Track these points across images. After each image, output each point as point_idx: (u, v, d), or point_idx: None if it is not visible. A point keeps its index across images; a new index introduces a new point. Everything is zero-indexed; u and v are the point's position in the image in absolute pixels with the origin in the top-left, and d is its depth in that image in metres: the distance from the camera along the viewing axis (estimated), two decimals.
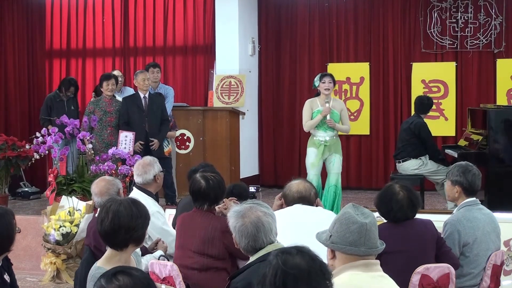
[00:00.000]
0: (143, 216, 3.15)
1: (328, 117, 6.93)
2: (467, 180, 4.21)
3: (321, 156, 7.02)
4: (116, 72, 8.55)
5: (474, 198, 4.25)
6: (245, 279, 2.89)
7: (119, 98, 7.83)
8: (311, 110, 7.05)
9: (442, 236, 4.12)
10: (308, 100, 7.19)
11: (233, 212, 3.07)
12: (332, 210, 6.81)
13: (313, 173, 7.03)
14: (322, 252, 3.46)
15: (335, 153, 7.05)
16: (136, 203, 3.18)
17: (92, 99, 8.21)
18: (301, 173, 9.45)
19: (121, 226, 3.07)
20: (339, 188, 7.07)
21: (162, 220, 4.68)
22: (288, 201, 4.11)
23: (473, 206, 4.21)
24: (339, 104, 7.14)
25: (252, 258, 3.00)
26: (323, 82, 6.98)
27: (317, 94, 7.15)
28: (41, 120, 8.56)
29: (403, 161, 7.38)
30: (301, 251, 2.10)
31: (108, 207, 3.13)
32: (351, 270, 2.54)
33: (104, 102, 7.57)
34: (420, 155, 7.34)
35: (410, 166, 7.33)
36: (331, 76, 7.07)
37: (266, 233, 2.99)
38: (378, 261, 2.60)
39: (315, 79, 7.11)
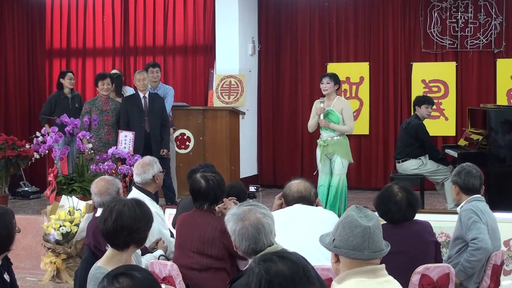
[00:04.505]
0: (146, 218, 3.14)
1: (321, 117, 6.96)
2: (461, 178, 4.30)
3: (323, 156, 7.00)
4: (114, 71, 8.58)
5: (479, 195, 4.29)
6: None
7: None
8: (316, 110, 7.10)
9: (465, 225, 4.15)
10: (316, 101, 7.23)
11: (231, 215, 3.03)
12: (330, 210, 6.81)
13: (320, 173, 7.05)
14: (323, 252, 3.46)
15: (337, 154, 7.01)
16: (140, 205, 3.17)
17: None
18: (302, 173, 9.48)
19: (123, 227, 3.06)
20: (339, 189, 7.04)
21: (158, 221, 4.66)
22: (288, 201, 4.11)
23: (481, 202, 4.26)
24: (340, 104, 7.05)
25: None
26: (322, 83, 7.04)
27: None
28: (40, 116, 8.58)
29: (402, 161, 7.38)
30: (283, 257, 2.07)
31: (112, 207, 3.12)
32: (357, 276, 2.49)
33: (100, 101, 7.59)
34: (419, 155, 7.33)
35: (409, 166, 7.33)
36: (330, 76, 7.07)
37: (267, 234, 2.97)
38: (383, 266, 2.55)
39: None
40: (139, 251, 3.62)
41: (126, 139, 7.31)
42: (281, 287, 1.99)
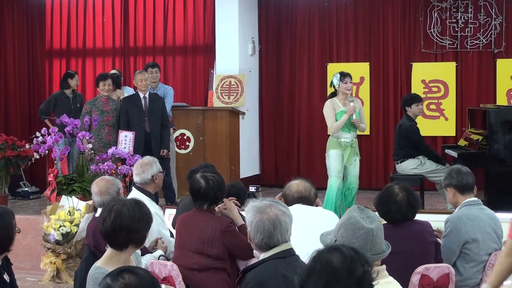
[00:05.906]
0: (145, 218, 3.14)
1: (354, 116, 6.77)
2: (454, 178, 4.30)
3: (347, 158, 6.81)
4: (113, 71, 8.59)
5: (475, 198, 4.27)
6: (259, 276, 2.87)
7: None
8: (334, 111, 6.82)
9: (443, 233, 4.15)
10: (329, 101, 6.94)
11: (252, 206, 3.03)
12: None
13: (336, 176, 6.83)
14: None
15: (356, 155, 6.94)
16: (139, 205, 3.17)
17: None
18: (301, 173, 9.47)
19: (122, 227, 3.06)
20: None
21: (158, 221, 4.65)
22: (288, 201, 4.11)
23: (474, 206, 4.23)
24: (358, 103, 7.01)
25: (265, 255, 2.97)
26: (345, 83, 6.81)
27: (333, 93, 6.98)
28: (39, 112, 8.63)
29: (400, 162, 7.37)
30: (337, 249, 2.09)
31: (111, 206, 3.12)
32: None
33: (100, 101, 7.59)
34: (416, 155, 7.31)
35: (408, 166, 7.31)
36: (350, 76, 6.94)
37: (282, 232, 2.96)
38: (384, 267, 2.57)
39: (334, 78, 6.90)
40: (139, 251, 3.61)
41: (126, 139, 7.31)
42: (319, 275, 2.01)
